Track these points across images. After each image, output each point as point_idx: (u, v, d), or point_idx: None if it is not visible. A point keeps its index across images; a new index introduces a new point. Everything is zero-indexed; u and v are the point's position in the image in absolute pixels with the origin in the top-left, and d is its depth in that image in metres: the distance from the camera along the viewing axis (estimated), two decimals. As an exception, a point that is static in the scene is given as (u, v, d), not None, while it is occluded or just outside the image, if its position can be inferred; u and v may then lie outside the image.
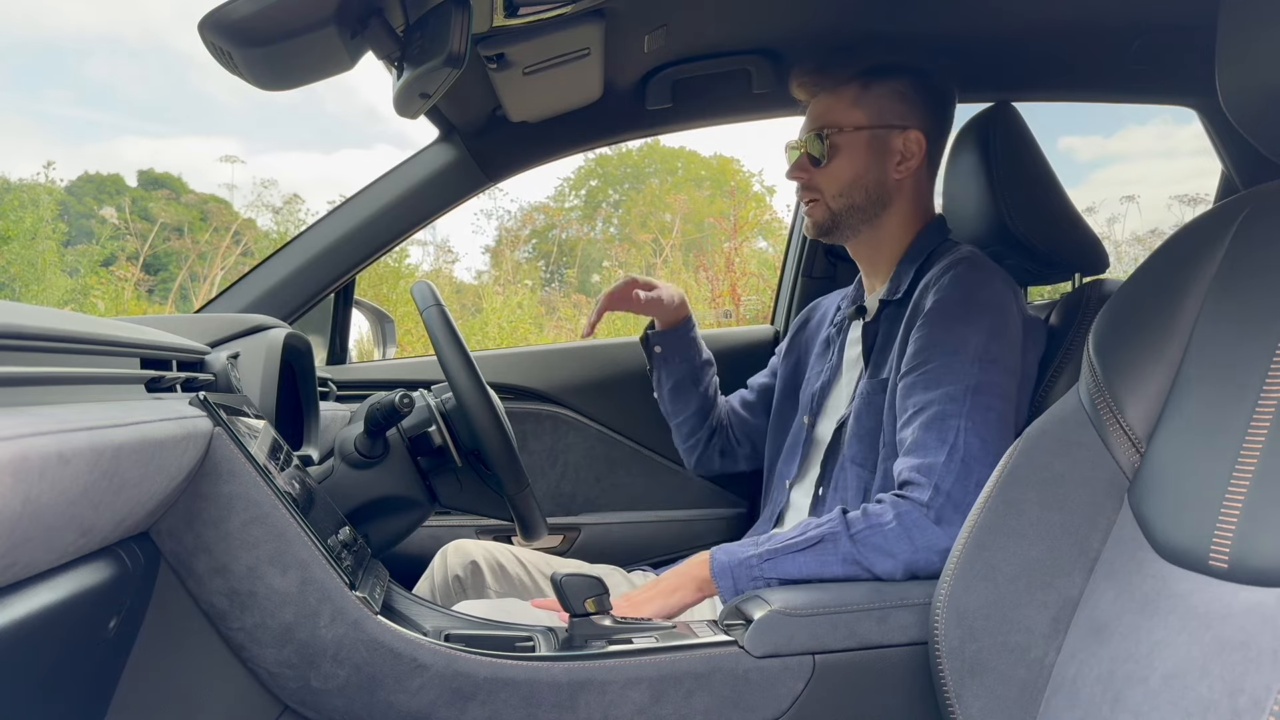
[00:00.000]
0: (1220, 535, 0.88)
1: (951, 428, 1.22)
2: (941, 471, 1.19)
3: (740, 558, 1.23)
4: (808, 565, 1.20)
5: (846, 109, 1.44)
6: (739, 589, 1.21)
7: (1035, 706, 1.02)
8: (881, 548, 1.18)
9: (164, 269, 10.30)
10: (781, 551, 1.21)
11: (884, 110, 1.43)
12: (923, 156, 1.44)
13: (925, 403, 1.25)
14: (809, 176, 1.46)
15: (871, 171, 1.44)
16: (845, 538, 1.19)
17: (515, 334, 6.71)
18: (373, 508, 1.31)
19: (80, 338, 0.73)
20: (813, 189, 1.47)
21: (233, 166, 11.55)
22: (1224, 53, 0.97)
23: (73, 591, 0.72)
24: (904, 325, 1.36)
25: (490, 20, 1.25)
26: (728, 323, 6.59)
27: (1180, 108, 1.87)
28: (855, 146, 1.43)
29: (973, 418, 1.22)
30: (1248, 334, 0.95)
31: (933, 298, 1.32)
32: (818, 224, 1.48)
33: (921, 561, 1.17)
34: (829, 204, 1.45)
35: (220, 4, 0.91)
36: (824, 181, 1.45)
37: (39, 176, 9.20)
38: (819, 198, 1.46)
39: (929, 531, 1.17)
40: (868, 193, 1.44)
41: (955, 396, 1.24)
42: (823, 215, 1.46)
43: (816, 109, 1.47)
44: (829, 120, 1.44)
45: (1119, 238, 8.25)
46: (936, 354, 1.27)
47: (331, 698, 1.00)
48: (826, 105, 1.45)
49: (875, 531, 1.19)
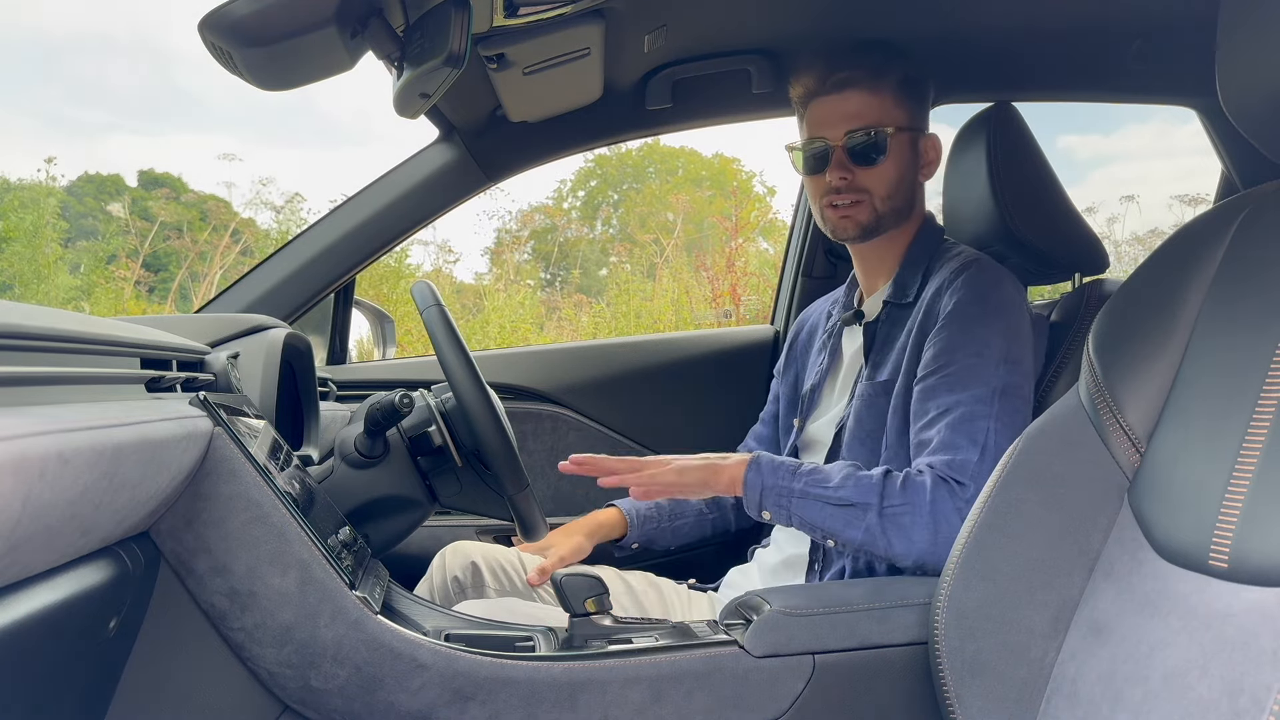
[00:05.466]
0: (1220, 535, 0.88)
1: (981, 429, 1.22)
2: (975, 470, 1.20)
3: (777, 483, 1.25)
4: (831, 522, 1.22)
5: (891, 108, 1.39)
6: (762, 506, 1.26)
7: (1035, 706, 1.02)
8: (906, 529, 1.19)
9: (164, 268, 10.31)
10: (814, 497, 1.23)
11: (915, 113, 1.42)
12: (939, 161, 1.45)
13: (951, 404, 1.25)
14: (854, 177, 1.40)
15: (910, 174, 1.42)
16: (875, 510, 1.21)
17: (516, 334, 6.72)
18: (373, 508, 1.31)
19: (80, 338, 0.73)
20: (859, 189, 1.40)
21: (231, 164, 11.57)
22: (1224, 53, 0.97)
23: (73, 591, 0.72)
24: (914, 328, 1.35)
25: (490, 20, 1.25)
26: (728, 323, 6.60)
27: (1180, 108, 1.87)
28: (903, 147, 1.40)
29: (1002, 419, 1.23)
30: (1248, 334, 0.95)
31: (949, 301, 1.32)
32: (862, 225, 1.41)
33: (937, 555, 1.17)
34: (876, 205, 1.40)
35: (220, 4, 0.91)
36: (873, 182, 1.39)
37: (39, 174, 9.21)
38: (865, 199, 1.40)
39: (955, 524, 1.17)
40: (906, 196, 1.43)
41: (983, 399, 1.24)
42: (869, 217, 1.41)
43: (854, 105, 1.39)
44: (876, 119, 1.38)
45: (1119, 238, 8.27)
46: (959, 356, 1.27)
47: (331, 698, 1.00)
48: (867, 102, 1.39)
49: (907, 511, 1.20)
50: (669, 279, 7.57)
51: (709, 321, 6.84)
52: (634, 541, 1.58)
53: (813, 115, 1.43)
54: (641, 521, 1.57)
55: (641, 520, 1.57)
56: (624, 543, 1.58)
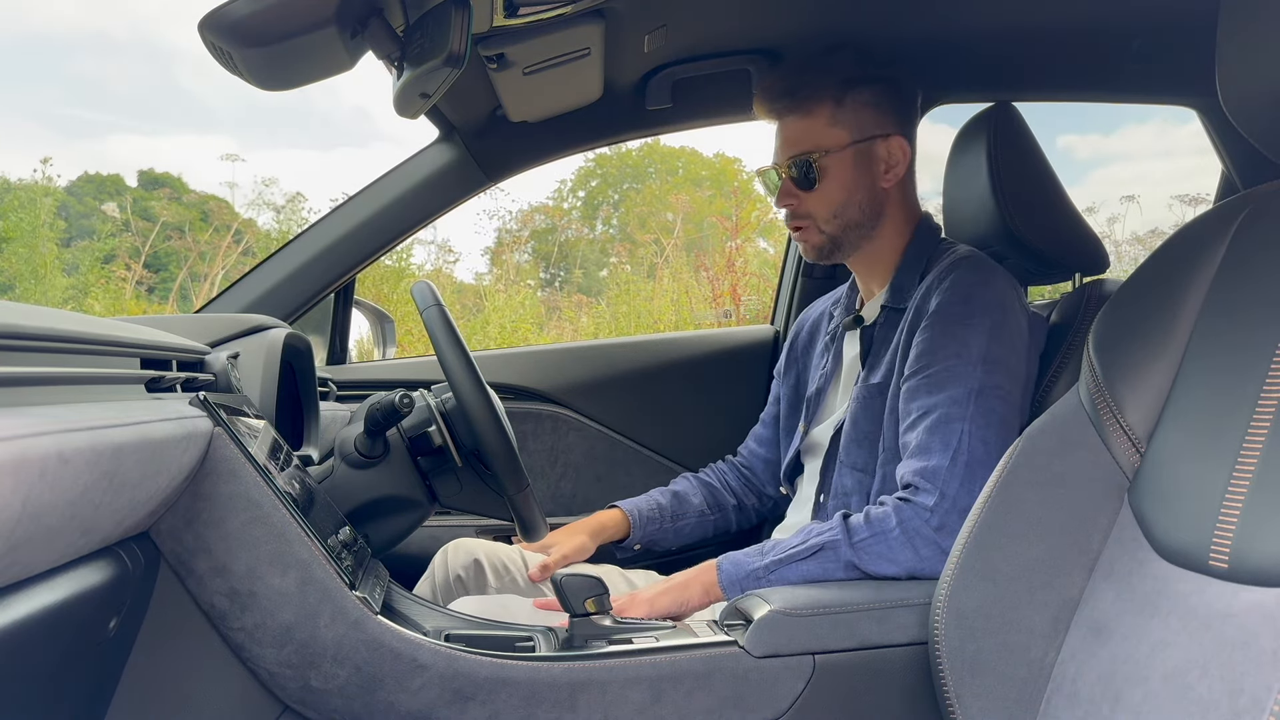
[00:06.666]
0: (1220, 535, 0.88)
1: (955, 431, 1.22)
2: (946, 476, 1.20)
3: (747, 569, 1.24)
4: (811, 572, 1.21)
5: (825, 129, 1.39)
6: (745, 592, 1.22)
7: (1035, 706, 1.02)
8: (884, 555, 1.19)
9: (164, 269, 10.31)
10: (785, 561, 1.22)
11: (864, 122, 1.40)
12: (907, 161, 1.43)
13: (929, 406, 1.25)
14: (798, 203, 1.42)
15: (861, 187, 1.40)
16: (846, 545, 1.20)
17: (516, 334, 6.72)
18: (373, 508, 1.31)
19: (80, 338, 0.73)
20: (803, 215, 1.42)
21: (233, 164, 11.57)
22: (1224, 53, 0.97)
23: (73, 592, 0.72)
24: (905, 329, 1.35)
25: (490, 20, 1.24)
26: (728, 323, 6.59)
27: (1180, 107, 1.87)
28: (842, 166, 1.39)
29: (976, 421, 1.22)
30: (1248, 334, 0.95)
31: (935, 301, 1.32)
32: (816, 248, 1.44)
33: (926, 567, 1.18)
34: (821, 228, 1.42)
35: (220, 4, 0.91)
36: (815, 207, 1.41)
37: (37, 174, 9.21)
38: (808, 223, 1.42)
39: (932, 537, 1.17)
40: (861, 208, 1.41)
41: (959, 400, 1.24)
42: (819, 239, 1.42)
43: (791, 133, 1.41)
44: (810, 145, 1.39)
45: (1119, 237, 8.26)
46: (940, 357, 1.27)
47: (331, 698, 1.00)
48: (802, 128, 1.40)
49: (878, 540, 1.19)
50: (669, 279, 7.57)
51: (709, 321, 6.83)
52: (636, 542, 1.58)
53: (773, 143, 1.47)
54: (644, 522, 1.57)
55: (644, 521, 1.57)
56: (626, 544, 1.58)
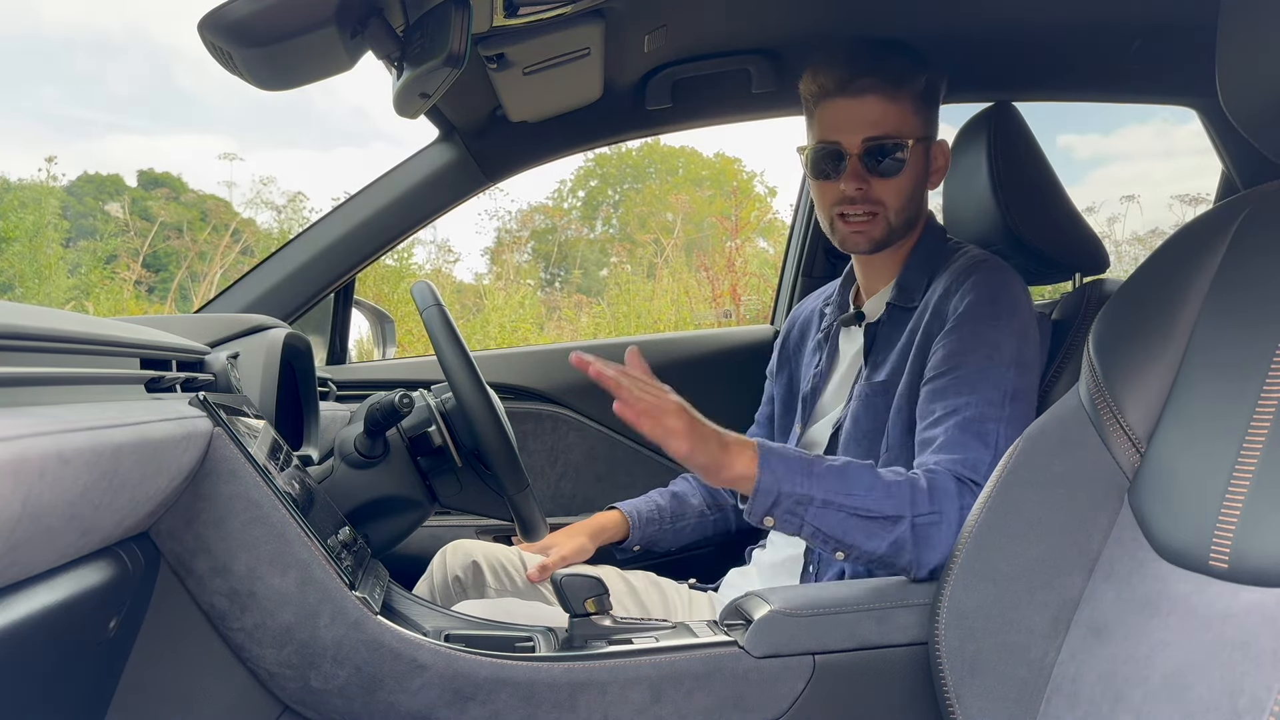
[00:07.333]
0: (1220, 535, 0.88)
1: (991, 431, 1.21)
2: (988, 470, 1.15)
3: (793, 489, 1.12)
4: (853, 535, 1.13)
5: (909, 116, 1.34)
6: (770, 513, 1.13)
7: (1035, 706, 1.02)
8: (934, 540, 1.14)
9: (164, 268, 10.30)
10: (837, 507, 1.12)
11: (932, 119, 1.38)
12: (948, 167, 1.42)
13: (960, 405, 1.23)
14: (869, 188, 1.33)
15: (921, 184, 1.38)
16: (908, 523, 1.13)
17: (516, 334, 6.71)
18: (373, 508, 1.31)
19: (80, 338, 0.73)
20: (873, 201, 1.34)
21: (231, 164, 11.57)
22: (1224, 53, 0.97)
23: (73, 592, 0.72)
24: (919, 329, 1.34)
25: (490, 20, 1.24)
26: (728, 322, 6.59)
27: (1180, 107, 1.87)
28: (917, 158, 1.35)
29: (1012, 423, 1.21)
30: (1248, 334, 0.95)
31: (959, 302, 1.30)
32: (874, 240, 1.36)
33: None
34: (890, 219, 1.35)
35: (220, 4, 0.91)
36: (889, 195, 1.34)
37: (40, 174, 9.21)
38: (880, 211, 1.34)
39: None
40: (918, 206, 1.39)
41: (995, 401, 1.22)
42: (882, 231, 1.36)
43: (872, 112, 1.32)
44: (893, 128, 1.32)
45: (1119, 237, 8.25)
46: (971, 359, 1.25)
47: (331, 698, 1.00)
48: (886, 110, 1.32)
49: (937, 521, 1.14)
50: (669, 279, 7.56)
51: (709, 321, 6.83)
52: (636, 544, 1.58)
53: (826, 117, 1.36)
54: (643, 524, 1.57)
55: (643, 522, 1.57)
56: (625, 545, 1.58)
